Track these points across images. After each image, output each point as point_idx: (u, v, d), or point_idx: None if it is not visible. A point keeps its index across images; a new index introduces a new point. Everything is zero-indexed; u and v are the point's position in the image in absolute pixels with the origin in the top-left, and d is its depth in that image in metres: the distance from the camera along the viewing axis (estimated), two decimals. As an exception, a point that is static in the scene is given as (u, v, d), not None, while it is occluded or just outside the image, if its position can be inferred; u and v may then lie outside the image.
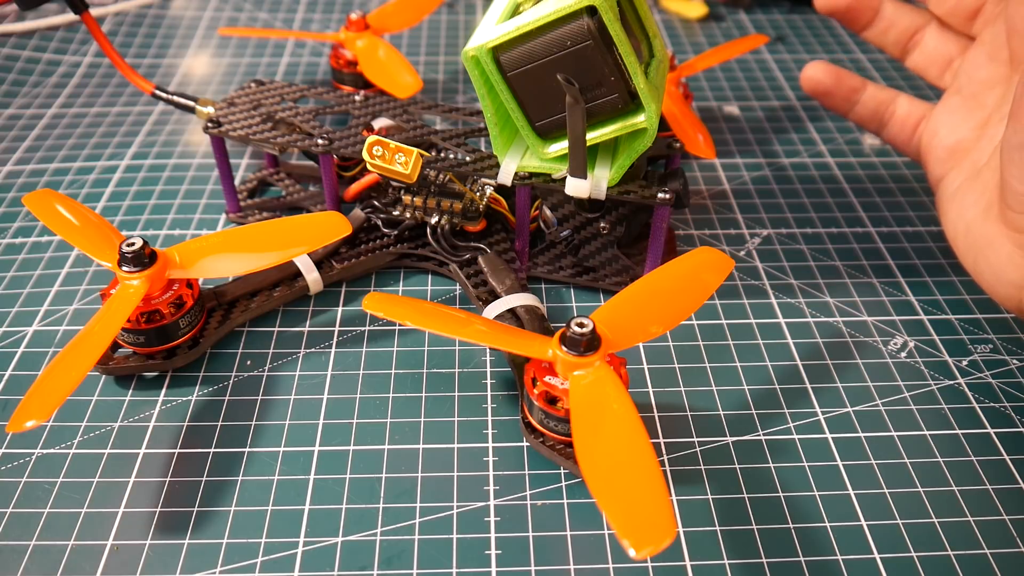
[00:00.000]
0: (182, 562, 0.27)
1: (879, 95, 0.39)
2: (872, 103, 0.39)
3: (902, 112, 0.38)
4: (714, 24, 0.64)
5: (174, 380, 0.34)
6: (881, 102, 0.39)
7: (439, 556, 0.28)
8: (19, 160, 0.47)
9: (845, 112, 0.40)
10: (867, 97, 0.39)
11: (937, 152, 0.36)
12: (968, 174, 0.34)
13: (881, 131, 0.39)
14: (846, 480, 0.30)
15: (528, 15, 0.30)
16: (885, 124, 0.39)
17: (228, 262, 0.33)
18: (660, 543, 0.22)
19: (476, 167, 0.36)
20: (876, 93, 0.39)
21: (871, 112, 0.39)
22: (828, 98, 0.39)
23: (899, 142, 0.39)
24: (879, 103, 0.39)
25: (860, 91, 0.39)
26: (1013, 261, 0.30)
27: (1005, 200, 0.30)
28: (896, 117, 0.39)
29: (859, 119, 0.39)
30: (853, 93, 0.39)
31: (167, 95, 0.42)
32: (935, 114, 0.37)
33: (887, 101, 0.39)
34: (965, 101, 0.36)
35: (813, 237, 0.42)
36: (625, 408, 0.26)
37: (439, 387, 0.34)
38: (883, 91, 0.39)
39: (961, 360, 0.35)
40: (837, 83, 0.39)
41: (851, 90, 0.39)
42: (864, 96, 0.39)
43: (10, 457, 0.30)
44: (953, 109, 0.36)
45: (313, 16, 0.64)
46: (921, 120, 0.38)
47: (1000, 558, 0.28)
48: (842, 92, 0.39)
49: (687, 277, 0.31)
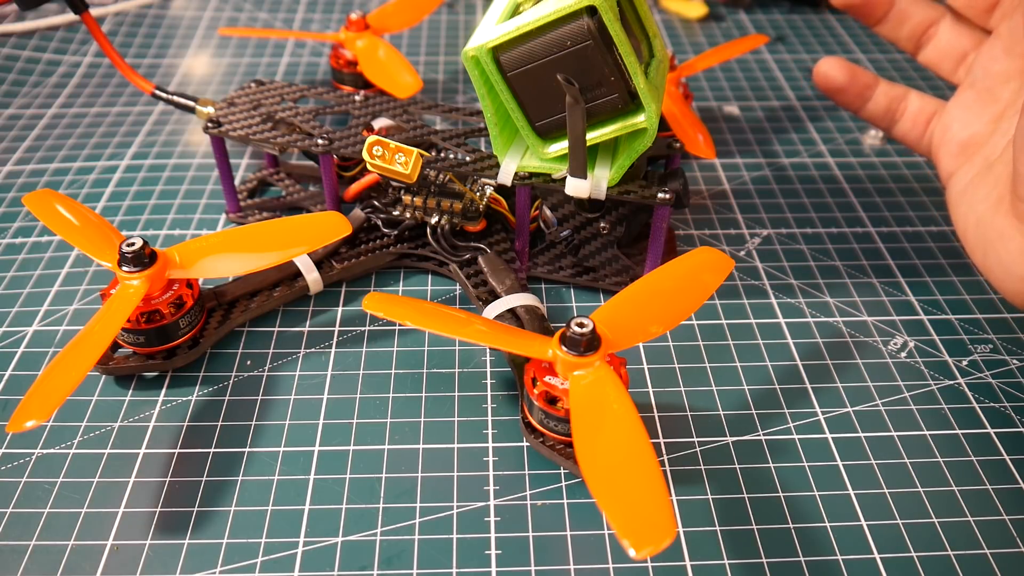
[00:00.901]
0: (182, 562, 0.27)
1: (891, 91, 0.38)
2: (884, 99, 0.38)
3: (914, 108, 0.38)
4: (714, 24, 0.64)
5: (174, 380, 0.34)
6: (893, 98, 0.38)
7: (439, 556, 0.28)
8: (19, 160, 0.47)
9: (857, 109, 0.39)
10: (879, 94, 0.38)
11: (949, 147, 0.36)
12: (980, 169, 0.34)
13: (892, 128, 0.39)
14: (846, 480, 0.30)
15: (528, 15, 0.30)
16: (896, 120, 0.39)
17: (228, 262, 0.33)
18: (660, 543, 0.22)
19: (476, 167, 0.36)
20: (888, 90, 0.39)
21: (883, 109, 0.39)
22: (841, 94, 0.39)
23: (910, 139, 0.38)
24: (891, 99, 0.38)
25: (873, 88, 0.38)
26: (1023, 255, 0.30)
27: (1017, 192, 0.30)
28: (908, 113, 0.38)
29: (870, 116, 0.39)
30: (866, 90, 0.38)
31: (167, 95, 0.42)
32: (948, 109, 0.37)
33: (899, 97, 0.38)
34: (979, 95, 0.35)
35: (813, 237, 0.42)
36: (625, 408, 0.26)
37: (439, 387, 0.34)
38: (894, 87, 0.39)
39: (961, 360, 0.35)
40: (851, 79, 0.38)
41: (864, 86, 0.38)
42: (876, 93, 0.38)
43: (10, 457, 0.30)
44: (967, 104, 0.36)
45: (313, 16, 0.64)
46: (933, 116, 0.38)
47: (1000, 558, 0.28)
48: (855, 88, 0.39)
49: (687, 277, 0.31)
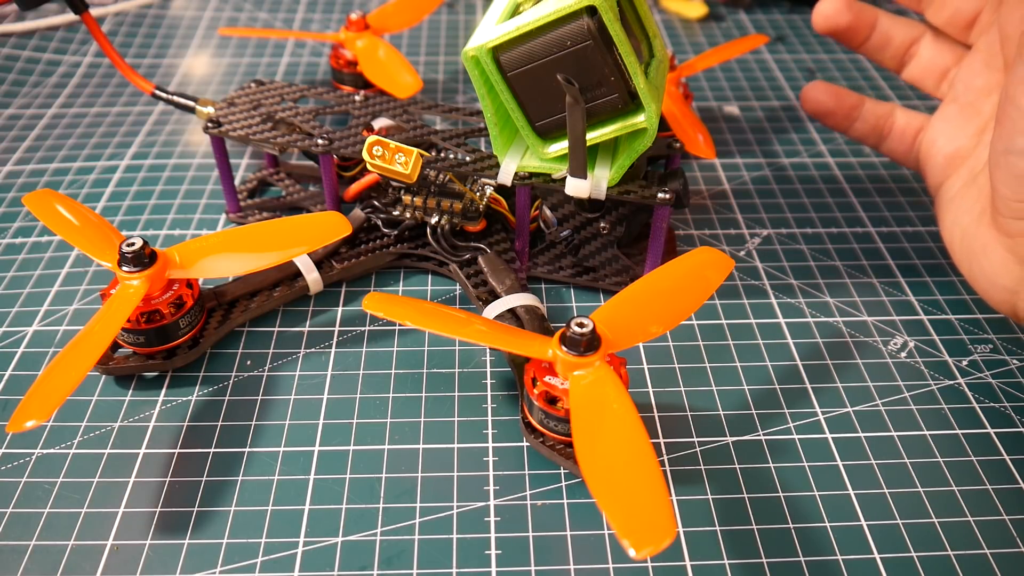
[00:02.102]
0: (182, 562, 0.27)
1: (877, 109, 0.39)
2: (871, 118, 0.39)
3: (900, 124, 0.39)
4: (714, 24, 0.64)
5: (174, 380, 0.34)
6: (880, 116, 0.39)
7: (439, 556, 0.28)
8: (19, 160, 0.47)
9: (845, 129, 0.40)
10: (866, 112, 0.39)
11: (936, 160, 0.36)
12: (965, 180, 0.34)
13: (880, 145, 0.40)
14: (846, 480, 0.30)
15: (528, 15, 0.30)
16: (885, 137, 0.39)
17: (228, 262, 0.33)
18: (660, 543, 0.22)
19: (476, 167, 0.36)
20: (874, 108, 0.39)
21: (871, 127, 0.39)
22: (830, 117, 0.40)
23: (898, 153, 0.39)
24: (878, 117, 0.39)
25: (859, 108, 0.39)
26: (1006, 266, 0.31)
27: (995, 205, 0.30)
28: (895, 129, 0.39)
29: (859, 135, 0.40)
30: (852, 110, 0.39)
31: (167, 95, 0.42)
32: (933, 123, 0.37)
33: (885, 115, 0.39)
34: (962, 109, 0.36)
35: (813, 237, 0.42)
36: (625, 408, 0.26)
37: (439, 387, 0.34)
38: (880, 105, 0.39)
39: (961, 360, 0.35)
40: (838, 102, 0.39)
41: (851, 107, 0.39)
42: (863, 112, 0.39)
43: (10, 457, 0.30)
44: (950, 118, 0.36)
45: (313, 16, 0.64)
46: (919, 131, 0.38)
47: (1000, 558, 0.28)
48: (842, 110, 0.39)
49: (687, 277, 0.31)
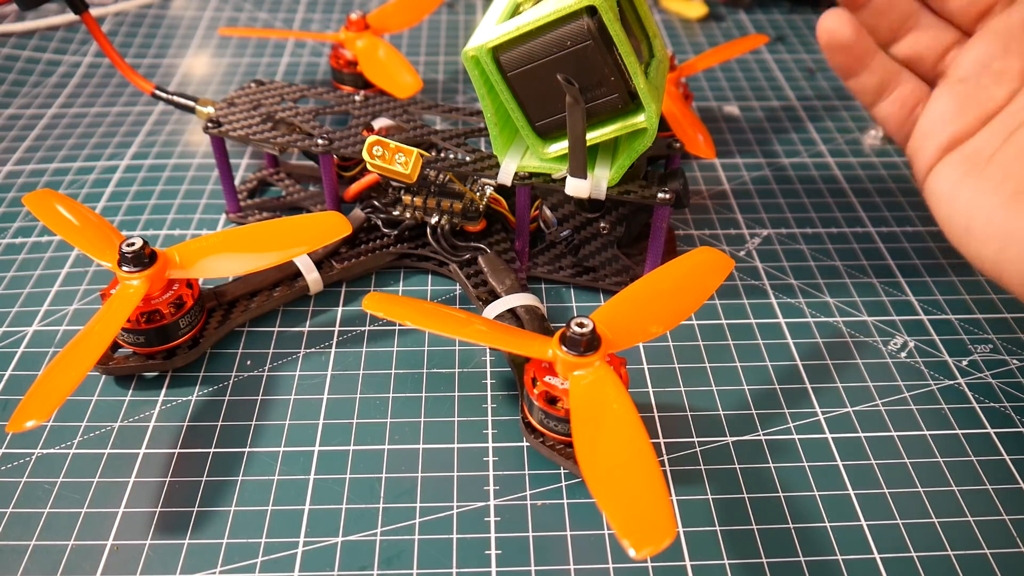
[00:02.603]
0: (182, 562, 0.27)
1: (888, 65, 0.36)
2: (880, 71, 0.36)
3: (906, 90, 0.36)
4: (714, 24, 0.64)
5: (174, 380, 0.34)
6: (888, 72, 0.36)
7: (439, 556, 0.28)
8: (19, 160, 0.47)
9: (850, 74, 0.36)
10: (876, 64, 0.36)
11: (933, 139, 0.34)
12: (972, 164, 0.32)
13: (874, 106, 0.36)
14: (846, 480, 0.30)
15: (528, 15, 0.30)
16: (883, 98, 0.36)
17: (228, 262, 0.33)
18: (660, 543, 0.22)
19: (476, 167, 0.36)
20: (886, 63, 0.36)
21: (876, 81, 0.36)
22: (843, 53, 0.35)
23: (893, 121, 0.36)
24: (886, 73, 0.36)
25: (872, 55, 0.35)
26: None
27: None
28: (897, 93, 0.36)
29: (862, 87, 0.36)
30: (866, 55, 0.35)
31: (167, 95, 0.42)
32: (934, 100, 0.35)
33: (894, 73, 0.36)
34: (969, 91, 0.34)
35: (813, 237, 0.42)
36: (625, 408, 0.26)
37: (439, 387, 0.34)
38: (892, 63, 0.36)
39: (961, 360, 0.35)
40: (857, 38, 0.35)
41: (865, 51, 0.35)
42: (874, 62, 0.36)
43: (10, 457, 0.30)
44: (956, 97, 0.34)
45: (313, 16, 0.64)
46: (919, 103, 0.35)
47: (1000, 558, 0.28)
48: (858, 50, 0.35)
49: (687, 277, 0.31)
